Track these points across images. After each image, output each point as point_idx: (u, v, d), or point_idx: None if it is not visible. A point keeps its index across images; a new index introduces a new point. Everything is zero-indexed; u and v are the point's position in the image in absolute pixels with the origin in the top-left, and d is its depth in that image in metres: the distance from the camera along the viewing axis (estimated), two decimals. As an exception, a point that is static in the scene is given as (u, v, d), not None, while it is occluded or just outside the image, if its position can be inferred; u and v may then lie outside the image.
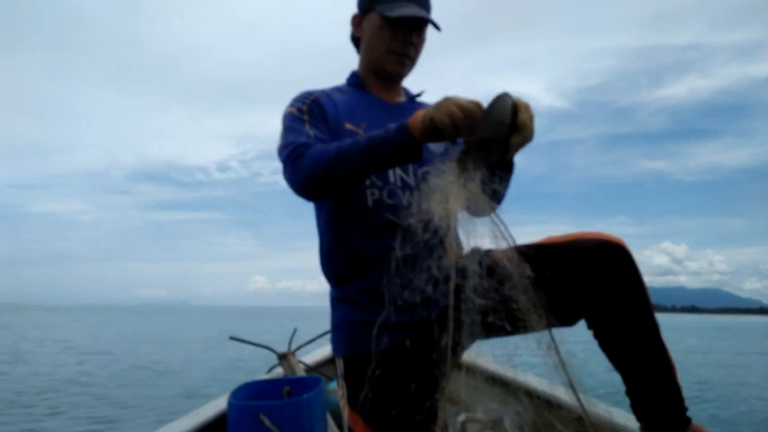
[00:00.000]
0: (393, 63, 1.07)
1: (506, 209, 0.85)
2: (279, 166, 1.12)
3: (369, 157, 0.86)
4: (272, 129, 1.08)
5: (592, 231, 0.96)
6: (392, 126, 0.85)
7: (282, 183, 1.12)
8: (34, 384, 5.86)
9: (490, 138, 0.76)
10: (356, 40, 1.15)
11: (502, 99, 0.76)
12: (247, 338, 1.88)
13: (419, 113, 0.82)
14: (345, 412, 1.00)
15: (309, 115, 1.01)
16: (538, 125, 0.80)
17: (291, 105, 1.03)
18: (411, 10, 1.02)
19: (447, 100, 0.79)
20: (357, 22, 1.12)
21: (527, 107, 0.79)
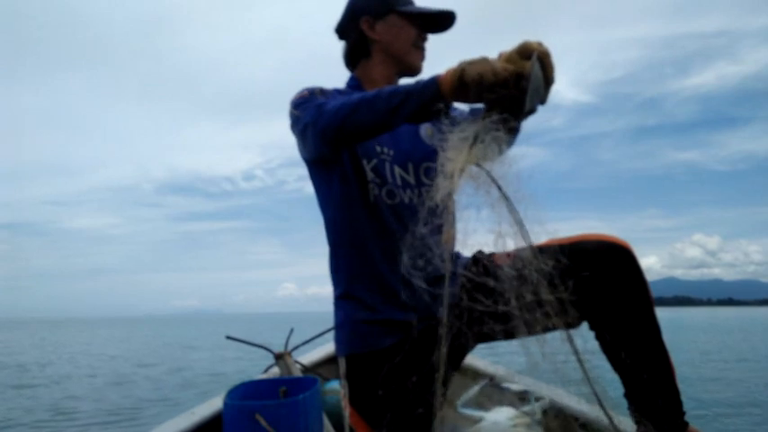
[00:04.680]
0: (417, 57, 1.19)
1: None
2: (304, 172, 1.22)
3: (394, 105, 0.90)
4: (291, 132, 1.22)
5: (596, 232, 1.02)
6: (423, 78, 0.91)
7: (308, 189, 1.22)
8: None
9: (531, 107, 0.80)
10: (363, 46, 1.21)
11: (536, 69, 0.78)
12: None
13: (451, 68, 0.86)
14: (347, 411, 1.07)
15: (321, 95, 1.11)
16: (562, 121, 0.87)
17: (299, 92, 1.11)
18: (433, 7, 1.15)
19: (484, 60, 0.81)
20: (368, 25, 1.18)
21: (551, 61, 0.80)
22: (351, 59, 1.24)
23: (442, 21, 1.18)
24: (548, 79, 0.80)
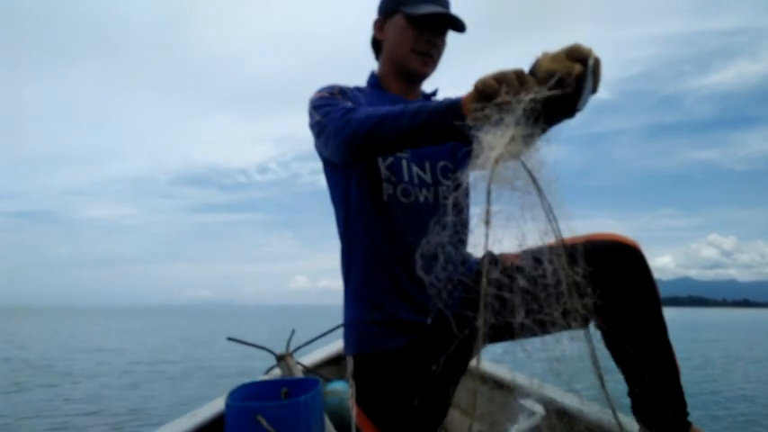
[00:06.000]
0: (417, 62, 1.15)
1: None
2: (317, 166, 1.22)
3: (417, 125, 0.89)
4: (309, 130, 1.17)
5: (606, 232, 1.03)
6: (447, 99, 0.88)
7: (321, 183, 1.22)
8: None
9: (578, 105, 0.78)
10: (377, 45, 1.24)
11: (589, 74, 0.77)
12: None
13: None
14: (354, 411, 1.08)
15: (341, 96, 1.11)
16: (578, 118, 0.83)
17: (319, 91, 1.12)
18: (435, 8, 1.11)
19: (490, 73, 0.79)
20: (379, 25, 1.21)
21: (600, 69, 0.79)
22: (376, 58, 1.26)
23: (444, 23, 1.14)
24: (595, 87, 0.79)
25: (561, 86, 0.75)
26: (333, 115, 1.02)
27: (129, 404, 5.65)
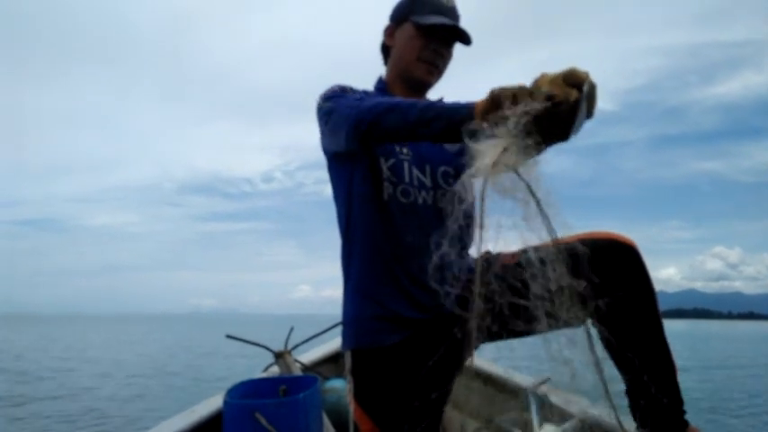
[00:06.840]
0: (422, 71, 1.19)
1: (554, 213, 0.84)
2: (322, 175, 1.26)
3: (425, 119, 0.90)
4: (314, 139, 1.17)
5: (602, 230, 1.04)
6: (461, 103, 0.89)
7: (326, 192, 1.25)
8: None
9: (574, 130, 0.79)
10: (386, 50, 1.27)
11: (583, 100, 0.77)
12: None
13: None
14: (352, 407, 1.09)
15: (351, 93, 1.13)
16: (583, 129, 0.84)
17: (330, 88, 1.14)
18: (444, 19, 1.14)
19: (520, 85, 0.79)
20: (390, 32, 1.24)
21: (595, 94, 0.80)
22: (385, 63, 1.29)
23: (451, 35, 1.17)
24: (590, 112, 0.80)
25: (555, 106, 0.75)
26: (343, 102, 1.05)
27: (131, 421, 5.58)
